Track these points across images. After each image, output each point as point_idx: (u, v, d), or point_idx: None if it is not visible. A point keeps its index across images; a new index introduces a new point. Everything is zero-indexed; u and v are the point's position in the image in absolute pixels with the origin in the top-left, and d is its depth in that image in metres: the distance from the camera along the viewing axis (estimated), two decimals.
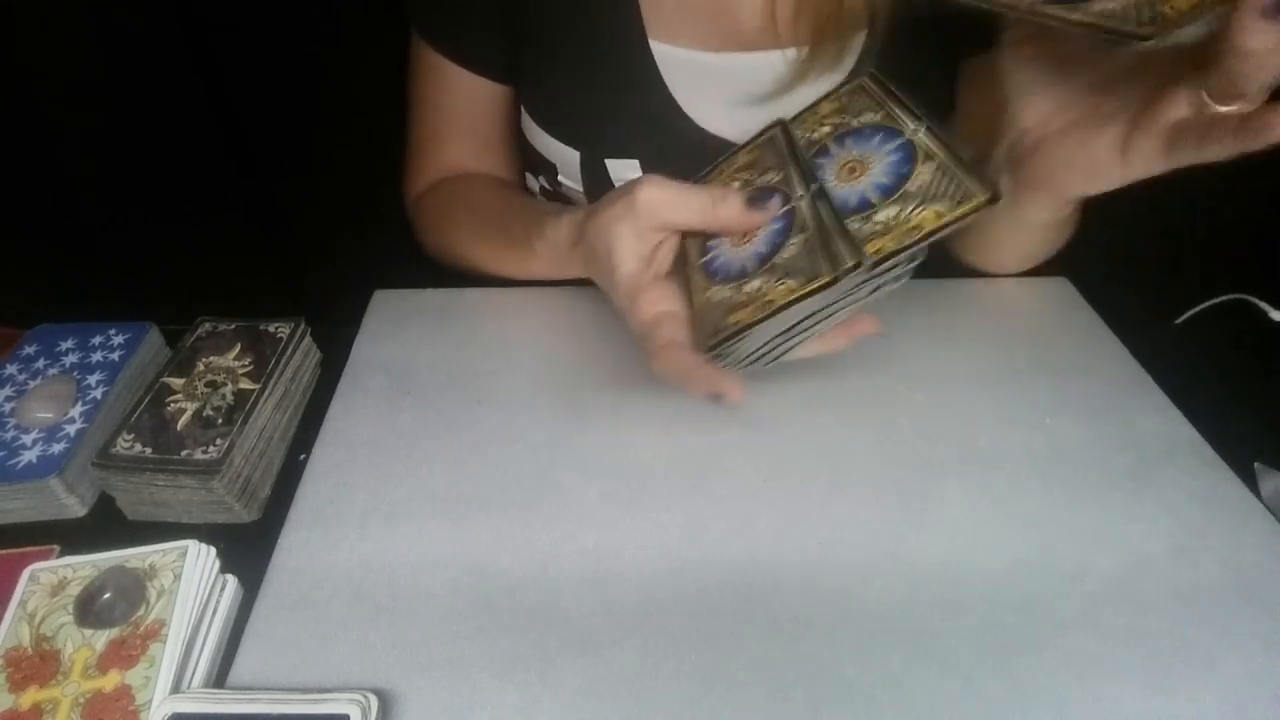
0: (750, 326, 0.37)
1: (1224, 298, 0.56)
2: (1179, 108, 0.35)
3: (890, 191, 0.38)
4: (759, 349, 0.40)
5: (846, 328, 0.41)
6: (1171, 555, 0.41)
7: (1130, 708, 0.34)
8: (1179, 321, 0.57)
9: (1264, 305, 0.54)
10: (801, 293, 0.35)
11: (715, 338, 0.38)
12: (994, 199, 0.34)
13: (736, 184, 0.44)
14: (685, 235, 0.43)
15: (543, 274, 0.56)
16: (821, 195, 0.39)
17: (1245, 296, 0.55)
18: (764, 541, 0.42)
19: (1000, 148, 0.47)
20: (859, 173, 0.40)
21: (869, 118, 0.42)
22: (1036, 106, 0.42)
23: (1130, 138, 0.38)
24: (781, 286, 0.36)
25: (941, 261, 0.60)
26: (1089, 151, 0.40)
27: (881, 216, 0.37)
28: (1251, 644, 0.37)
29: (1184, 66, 0.35)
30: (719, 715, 0.34)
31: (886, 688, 0.35)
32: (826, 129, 0.43)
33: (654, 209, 0.39)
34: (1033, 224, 0.51)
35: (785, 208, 0.40)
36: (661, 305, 0.40)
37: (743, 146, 0.47)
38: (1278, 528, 0.42)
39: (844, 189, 0.39)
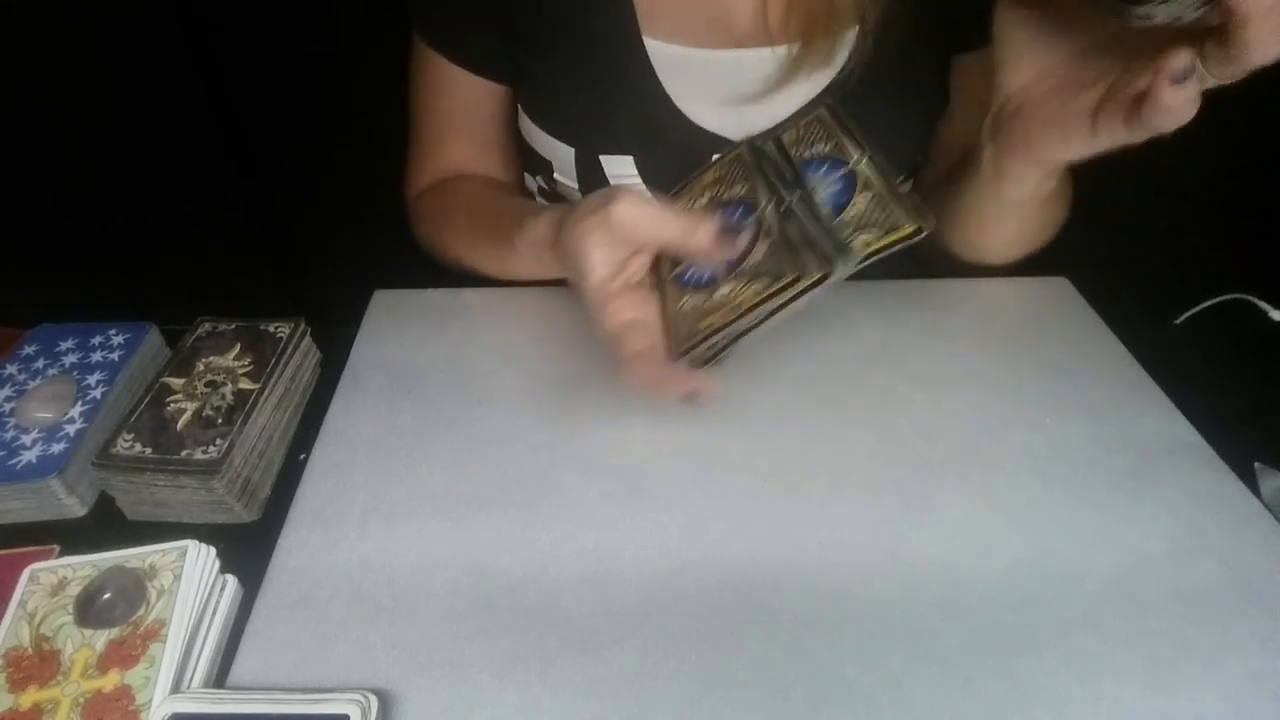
0: (720, 330, 0.38)
1: (1224, 298, 0.56)
2: (1144, 80, 0.36)
3: (733, 267, 0.40)
4: (725, 350, 0.41)
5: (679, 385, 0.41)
6: (1171, 555, 0.41)
7: (1130, 708, 0.34)
8: (1179, 321, 0.57)
9: (1264, 305, 0.54)
10: (768, 293, 0.37)
11: (687, 343, 0.39)
12: (918, 231, 0.37)
13: (706, 198, 0.46)
14: None
15: (526, 272, 0.56)
16: (792, 210, 0.40)
17: (1245, 296, 0.55)
18: (764, 541, 0.42)
19: (987, 120, 0.48)
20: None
21: (819, 148, 0.44)
22: (1023, 71, 0.44)
23: (1101, 106, 0.40)
24: (749, 289, 0.38)
25: (941, 262, 0.60)
26: (1063, 115, 0.42)
27: (722, 291, 0.40)
28: (1251, 644, 0.37)
29: (1163, 40, 0.35)
30: (719, 715, 0.34)
31: (886, 688, 0.35)
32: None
33: (629, 227, 0.40)
34: (1015, 200, 0.51)
35: (752, 217, 0.42)
36: (629, 313, 0.40)
37: (711, 164, 0.49)
38: (1278, 528, 0.42)
39: (703, 263, 0.42)
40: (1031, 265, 0.60)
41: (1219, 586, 0.39)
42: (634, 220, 0.40)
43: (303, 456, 0.47)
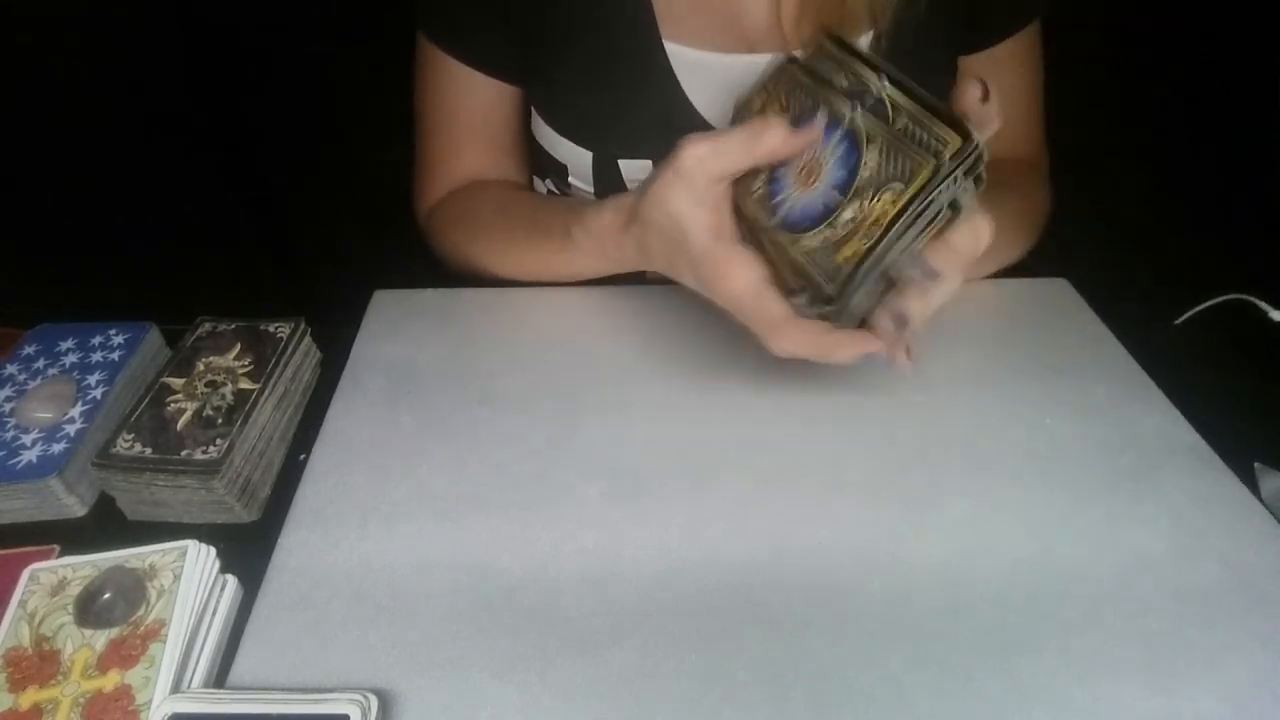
0: (868, 254, 0.35)
1: (1224, 298, 0.56)
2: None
3: (847, 186, 0.37)
4: (877, 279, 0.37)
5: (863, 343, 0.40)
6: (1171, 555, 0.41)
7: (1130, 708, 0.34)
8: (1179, 321, 0.57)
9: (1264, 305, 0.54)
10: (910, 194, 0.34)
11: (835, 282, 0.36)
12: (938, 166, 0.33)
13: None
14: (743, 196, 0.42)
15: (580, 268, 0.55)
16: (883, 102, 0.37)
17: (1245, 296, 0.55)
18: (764, 541, 0.42)
19: None
20: (815, 176, 0.39)
21: (807, 106, 0.40)
22: None
23: None
24: (880, 201, 0.35)
25: None
26: None
27: (846, 216, 0.36)
28: (1251, 644, 0.37)
29: None
30: (719, 715, 0.34)
31: (886, 688, 0.35)
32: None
33: (701, 164, 0.39)
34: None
35: (840, 129, 0.38)
36: (749, 273, 0.39)
37: (751, 93, 0.44)
38: (1278, 528, 0.42)
39: (805, 197, 0.39)
40: (1031, 265, 0.60)
41: (1219, 586, 0.39)
42: (702, 153, 0.39)
43: (303, 456, 0.47)
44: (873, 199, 0.35)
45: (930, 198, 0.34)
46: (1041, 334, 0.55)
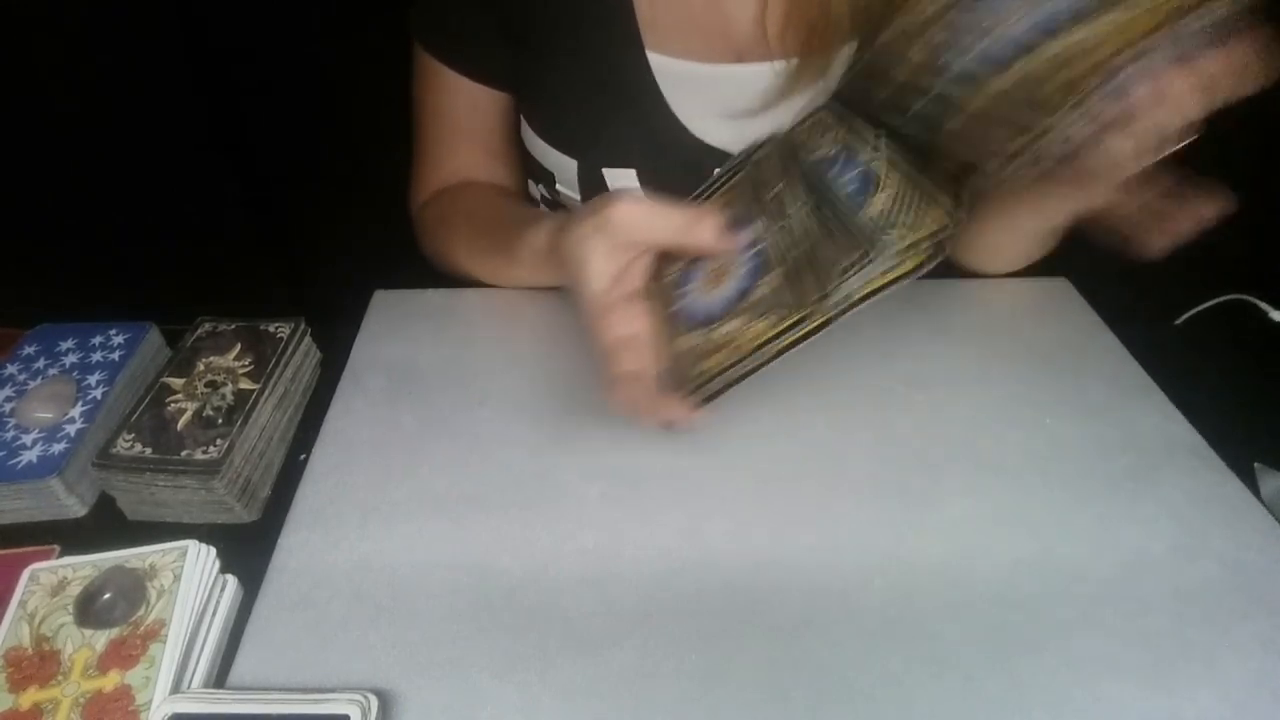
0: (721, 373, 0.36)
1: (1224, 298, 0.56)
2: None
3: (737, 301, 0.38)
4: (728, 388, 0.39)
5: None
6: (1171, 555, 0.41)
7: (1130, 708, 0.34)
8: (1179, 321, 0.57)
9: (1264, 305, 0.54)
10: (772, 334, 0.35)
11: (684, 388, 0.38)
12: (822, 296, 0.34)
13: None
14: (656, 276, 0.43)
15: (526, 281, 0.56)
16: (817, 207, 0.38)
17: (1245, 296, 0.55)
18: (764, 541, 0.42)
19: None
20: (722, 281, 0.40)
21: (825, 151, 0.41)
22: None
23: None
24: (751, 330, 0.36)
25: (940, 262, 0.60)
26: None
27: (725, 329, 0.37)
28: (1251, 644, 0.37)
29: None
30: (719, 715, 0.34)
31: (886, 688, 0.35)
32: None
33: (628, 226, 0.39)
34: (1029, 230, 0.51)
35: (756, 248, 0.40)
36: (625, 328, 0.40)
37: (716, 187, 0.46)
38: (1278, 528, 0.42)
39: (704, 298, 0.40)
40: (1031, 265, 0.60)
41: (1219, 586, 0.39)
42: (633, 220, 0.39)
43: (303, 456, 0.47)
44: (755, 320, 0.36)
45: (785, 344, 0.35)
46: (1041, 334, 0.55)
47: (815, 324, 0.34)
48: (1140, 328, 0.54)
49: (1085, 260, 0.60)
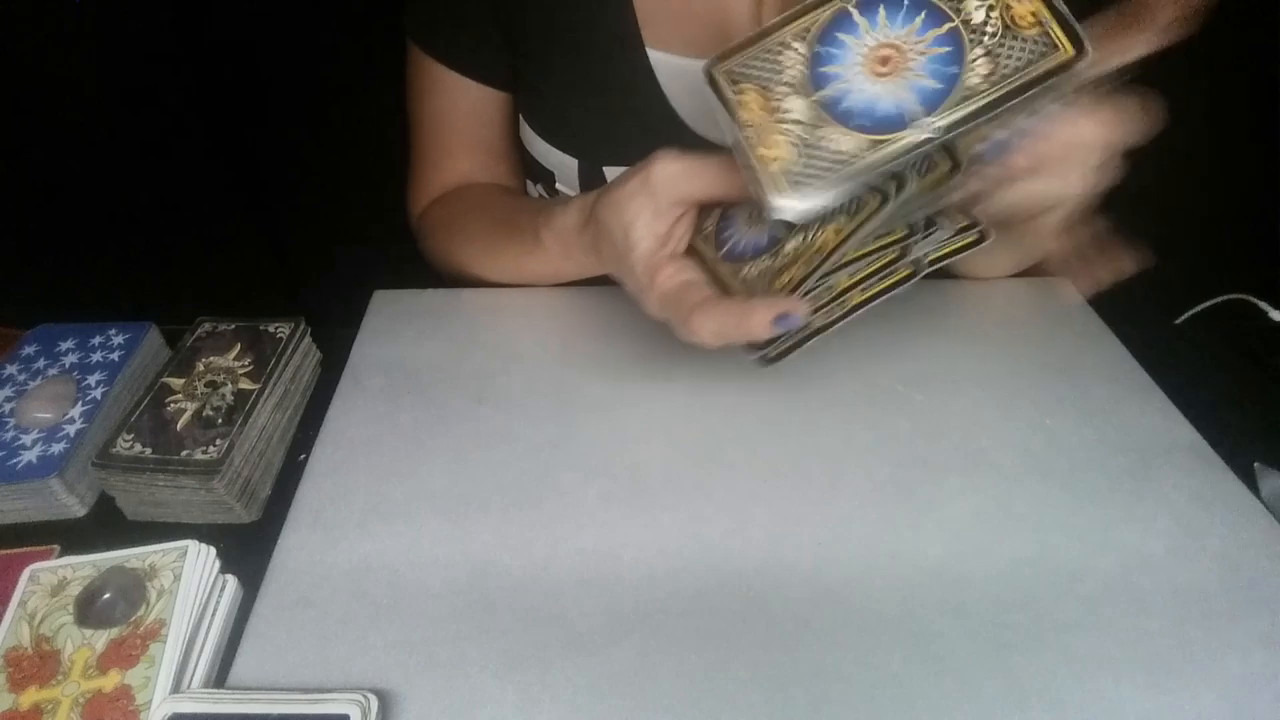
0: (804, 280, 0.35)
1: (1224, 298, 0.56)
2: None
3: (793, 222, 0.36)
4: (816, 313, 0.37)
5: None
6: (1171, 555, 0.41)
7: (1130, 708, 0.34)
8: (1179, 321, 0.57)
9: (1264, 305, 0.54)
10: (853, 226, 0.33)
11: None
12: (884, 200, 0.32)
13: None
14: (693, 233, 0.42)
15: (549, 269, 0.55)
16: None
17: (1245, 296, 0.55)
18: (764, 541, 0.42)
19: None
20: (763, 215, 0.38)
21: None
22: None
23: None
24: (824, 233, 0.34)
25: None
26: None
27: (789, 247, 0.36)
28: (1251, 644, 0.37)
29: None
30: (719, 715, 0.34)
31: (886, 688, 0.35)
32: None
33: (671, 183, 0.38)
34: (1031, 247, 0.52)
35: None
36: (681, 276, 0.39)
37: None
38: (1278, 528, 0.42)
39: (752, 233, 0.39)
40: (1031, 266, 0.60)
41: (1219, 586, 0.39)
42: (676, 173, 0.38)
43: (303, 457, 0.47)
44: (818, 231, 0.35)
45: (868, 230, 0.34)
46: (1041, 334, 0.55)
47: (884, 212, 0.33)
48: (1140, 328, 0.54)
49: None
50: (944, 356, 0.53)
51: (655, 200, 0.39)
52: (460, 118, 0.63)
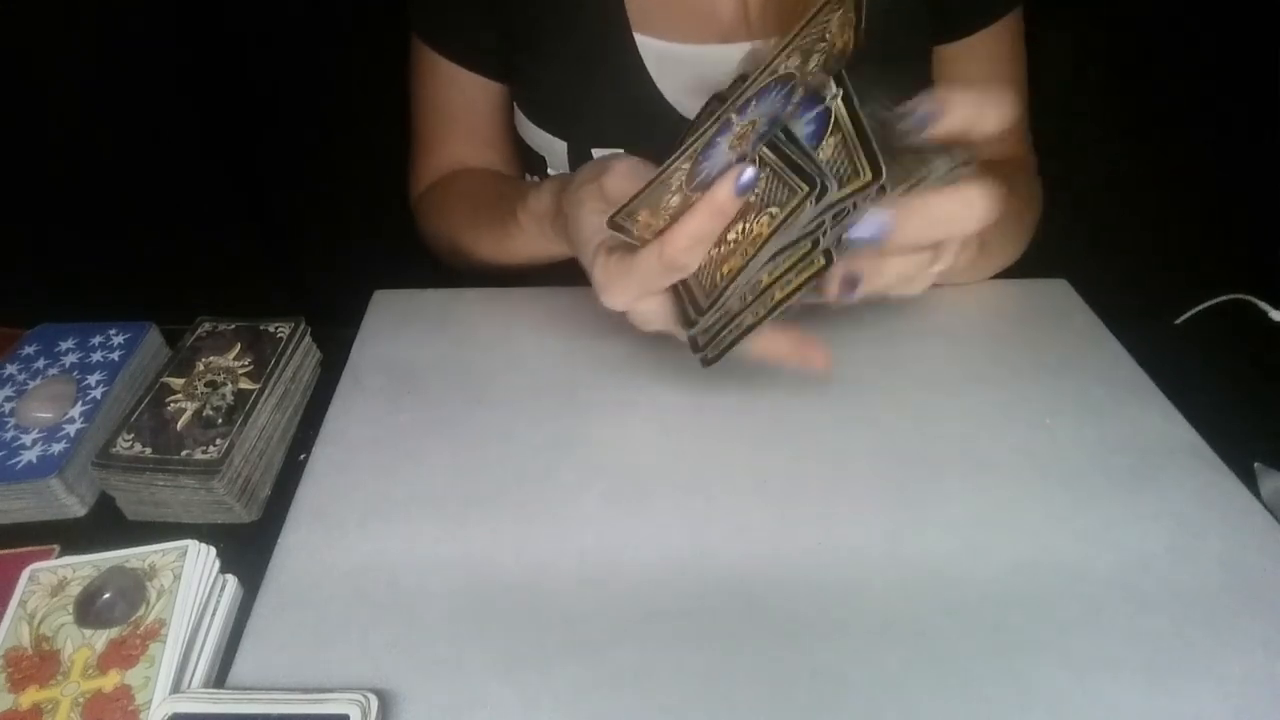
0: (740, 271, 0.36)
1: (1224, 298, 0.56)
2: None
3: None
4: (744, 311, 0.39)
5: (797, 346, 0.42)
6: (1171, 555, 0.41)
7: (1130, 708, 0.34)
8: (1179, 321, 0.57)
9: (1264, 305, 0.54)
10: (782, 218, 0.35)
11: (709, 296, 0.38)
12: (808, 195, 0.34)
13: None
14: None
15: (528, 251, 0.55)
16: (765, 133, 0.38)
17: (1245, 296, 0.55)
18: (764, 541, 0.42)
19: None
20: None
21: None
22: None
23: None
24: (759, 223, 0.36)
25: None
26: None
27: (731, 235, 0.37)
28: (1251, 644, 0.37)
29: None
30: (719, 715, 0.34)
31: (886, 688, 0.35)
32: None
33: (622, 192, 0.39)
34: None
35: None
36: (626, 247, 0.40)
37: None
38: (1278, 528, 0.42)
39: None
40: (1031, 266, 0.60)
41: (1219, 586, 0.39)
42: (624, 173, 0.40)
43: (303, 456, 0.47)
44: (754, 218, 0.36)
45: (793, 221, 0.35)
46: (1041, 334, 0.55)
47: (799, 200, 0.34)
48: (1140, 328, 0.54)
49: (1085, 260, 0.60)
50: (944, 356, 0.53)
51: (605, 195, 0.40)
52: (457, 107, 0.65)
